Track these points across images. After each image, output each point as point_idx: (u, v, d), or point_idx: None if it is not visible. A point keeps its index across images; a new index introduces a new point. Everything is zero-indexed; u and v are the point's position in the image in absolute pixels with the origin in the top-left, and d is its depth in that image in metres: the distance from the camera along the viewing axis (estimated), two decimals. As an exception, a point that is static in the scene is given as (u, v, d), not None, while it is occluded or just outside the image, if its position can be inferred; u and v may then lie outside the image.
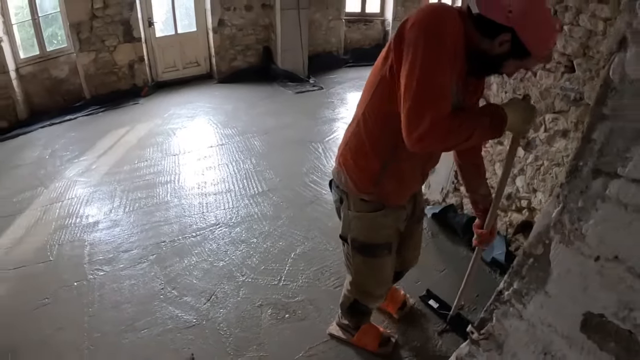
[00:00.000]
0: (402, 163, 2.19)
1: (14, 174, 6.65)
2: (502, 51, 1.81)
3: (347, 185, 2.37)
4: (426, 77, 1.71)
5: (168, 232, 4.77)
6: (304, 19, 9.80)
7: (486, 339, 1.83)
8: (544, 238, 1.52)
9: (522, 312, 1.67)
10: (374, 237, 2.47)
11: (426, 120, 1.69)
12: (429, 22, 1.75)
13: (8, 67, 8.26)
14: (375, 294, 2.78)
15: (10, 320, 3.80)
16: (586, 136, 1.34)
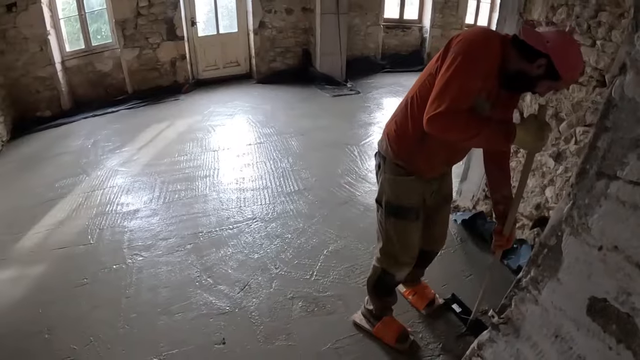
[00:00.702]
0: (430, 146, 2.59)
1: (57, 161, 6.99)
2: (538, 73, 2.20)
3: (387, 152, 2.81)
4: (455, 79, 2.16)
5: (206, 224, 4.96)
6: (343, 23, 9.93)
7: (505, 323, 2.01)
8: (557, 230, 1.71)
9: (537, 297, 1.85)
10: (404, 200, 2.85)
11: (441, 108, 2.14)
12: (472, 42, 2.21)
13: (54, 60, 8.69)
14: (400, 260, 3.03)
15: (49, 297, 4.04)
16: (592, 144, 1.56)
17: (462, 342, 3.31)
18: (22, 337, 3.63)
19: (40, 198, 5.82)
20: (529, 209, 4.01)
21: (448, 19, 11.13)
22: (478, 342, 2.28)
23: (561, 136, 3.55)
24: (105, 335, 3.58)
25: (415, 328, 3.49)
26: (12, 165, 7.04)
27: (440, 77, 2.24)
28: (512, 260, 4.01)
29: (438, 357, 3.24)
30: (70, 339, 3.56)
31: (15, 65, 8.46)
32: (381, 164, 2.90)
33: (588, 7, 3.10)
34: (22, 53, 8.41)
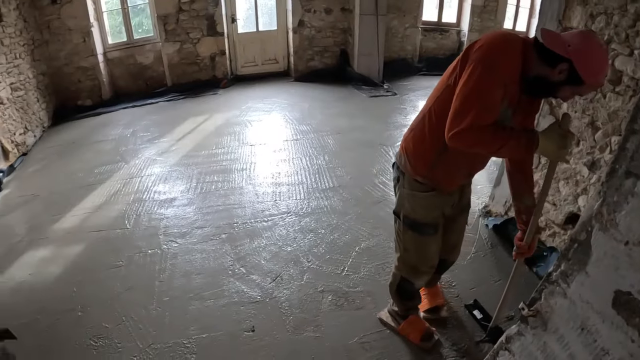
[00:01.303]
0: (451, 158, 2.54)
1: (96, 148, 7.24)
2: (560, 78, 2.12)
3: (406, 167, 2.76)
4: (476, 91, 2.11)
5: (241, 215, 5.06)
6: (381, 25, 9.93)
7: (534, 316, 2.05)
8: (587, 226, 1.75)
9: (566, 290, 1.89)
10: (423, 216, 2.83)
11: (465, 123, 2.10)
12: (491, 49, 2.14)
13: (97, 51, 9.03)
14: (420, 269, 3.04)
15: (84, 277, 4.22)
16: (622, 145, 1.61)
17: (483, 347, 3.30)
18: (56, 313, 3.79)
19: (80, 182, 6.05)
20: (561, 217, 3.96)
21: (486, 23, 10.99)
22: (506, 335, 2.31)
23: (596, 145, 3.49)
24: (137, 315, 3.71)
25: (441, 328, 3.48)
26: (53, 150, 7.30)
27: (460, 89, 2.18)
28: (541, 268, 3.96)
29: (462, 358, 3.25)
30: (103, 318, 3.70)
31: (59, 55, 8.82)
32: (400, 178, 2.87)
33: (627, 16, 3.05)
34: (65, 43, 8.78)
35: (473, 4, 10.91)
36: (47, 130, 8.22)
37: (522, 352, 2.20)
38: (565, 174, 3.87)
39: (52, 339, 3.50)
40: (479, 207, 4.96)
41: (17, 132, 7.10)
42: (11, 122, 6.97)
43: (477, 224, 4.73)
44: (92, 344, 3.46)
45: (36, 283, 4.19)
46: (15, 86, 7.22)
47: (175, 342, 3.44)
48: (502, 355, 2.36)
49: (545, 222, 4.15)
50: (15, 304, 3.92)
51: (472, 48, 2.21)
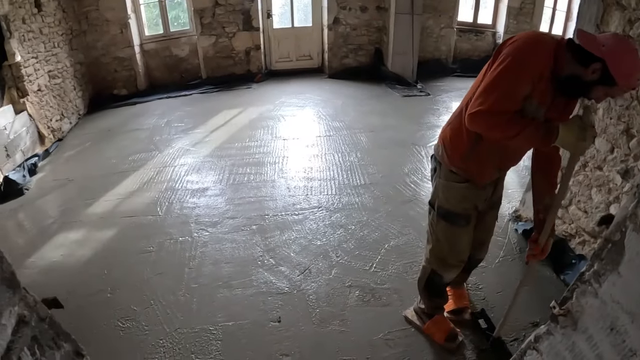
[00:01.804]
0: (483, 151, 2.63)
1: (131, 136, 7.38)
2: (593, 78, 2.17)
3: (442, 158, 2.85)
4: (501, 80, 2.24)
5: (272, 207, 5.11)
6: (417, 24, 9.87)
7: (565, 315, 2.04)
8: (621, 227, 1.72)
9: (597, 290, 1.87)
10: (455, 206, 2.89)
11: (485, 105, 2.24)
12: (522, 46, 2.26)
13: (133, 42, 9.22)
14: (449, 262, 3.07)
15: (115, 260, 4.31)
16: None
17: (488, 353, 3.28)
18: (87, 294, 3.90)
19: (113, 169, 6.19)
20: (592, 225, 3.92)
21: (522, 25, 10.78)
22: (535, 334, 2.29)
23: (631, 153, 3.40)
24: (166, 300, 3.78)
25: (464, 330, 3.45)
26: (88, 137, 7.47)
27: (488, 75, 2.32)
28: (568, 276, 3.86)
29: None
30: (131, 301, 3.78)
31: (96, 45, 9.03)
32: (437, 168, 2.94)
33: None
34: (103, 34, 8.98)
35: (509, 6, 10.75)
36: (82, 118, 8.41)
37: (550, 352, 2.19)
38: (597, 181, 3.80)
39: (80, 319, 3.57)
40: (509, 212, 4.89)
41: (53, 118, 7.27)
42: (48, 108, 7.15)
43: (506, 228, 4.66)
44: (120, 325, 3.54)
45: (67, 264, 4.30)
46: (53, 74, 7.41)
47: (201, 328, 3.49)
48: (529, 355, 2.35)
49: (575, 230, 4.08)
50: (46, 284, 4.02)
51: (505, 44, 2.34)
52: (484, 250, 3.35)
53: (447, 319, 3.47)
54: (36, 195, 5.66)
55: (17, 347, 1.33)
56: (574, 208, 4.07)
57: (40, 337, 1.51)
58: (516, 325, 3.46)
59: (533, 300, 3.58)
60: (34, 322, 1.50)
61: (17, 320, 1.39)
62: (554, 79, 2.29)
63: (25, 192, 5.73)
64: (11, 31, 6.19)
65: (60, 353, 1.63)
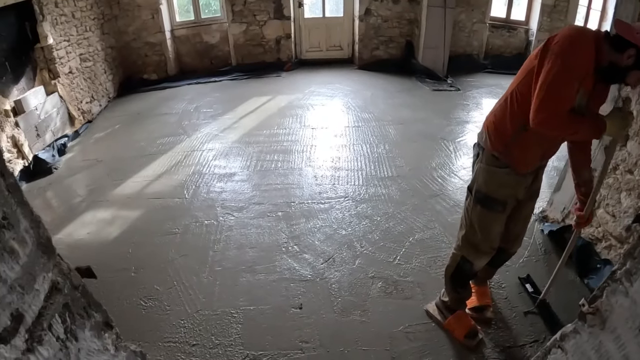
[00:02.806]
0: (526, 139, 2.73)
1: (160, 120, 7.45)
2: (628, 63, 2.32)
3: (486, 143, 2.93)
4: (556, 84, 2.35)
5: (298, 195, 5.11)
6: (449, 18, 9.75)
7: (594, 313, 1.99)
8: None
9: (628, 289, 1.81)
10: (494, 191, 2.95)
11: (547, 112, 2.37)
12: (570, 45, 2.37)
13: (164, 28, 9.28)
14: (481, 248, 3.11)
15: (140, 240, 4.37)
16: None
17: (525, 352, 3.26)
18: (111, 271, 3.96)
19: (142, 151, 6.26)
20: (619, 230, 3.84)
21: (556, 23, 10.56)
22: (561, 333, 2.25)
23: None
24: (189, 282, 3.82)
25: (485, 328, 3.43)
26: (117, 120, 7.56)
27: (541, 82, 2.40)
28: (593, 280, 3.81)
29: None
30: (155, 280, 3.83)
31: (127, 30, 9.13)
32: (479, 154, 3.01)
33: None
34: (134, 19, 9.07)
35: (543, 3, 10.52)
36: (112, 101, 8.52)
37: (575, 351, 2.16)
38: (628, 185, 3.71)
39: (104, 296, 3.61)
40: (536, 212, 4.77)
41: (83, 101, 7.39)
42: (79, 90, 7.26)
43: (532, 228, 4.58)
44: (142, 303, 3.59)
45: (93, 242, 4.37)
46: (84, 57, 7.52)
47: (223, 311, 3.52)
48: (554, 353, 2.32)
49: (602, 234, 3.99)
50: (72, 260, 3.89)
51: (552, 41, 2.43)
52: (517, 243, 3.37)
53: (468, 316, 3.48)
54: (65, 175, 5.74)
55: (49, 314, 1.34)
56: (602, 211, 3.99)
57: (72, 305, 1.51)
58: (536, 328, 3.44)
59: (556, 305, 3.55)
60: (67, 289, 1.49)
61: (50, 286, 1.39)
62: (596, 70, 2.41)
63: (54, 172, 5.83)
64: (44, 14, 6.30)
65: (90, 322, 1.63)
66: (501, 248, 3.30)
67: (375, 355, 3.20)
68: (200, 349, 3.22)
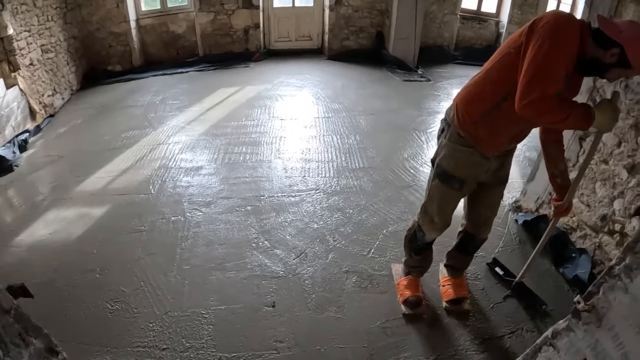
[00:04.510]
0: (495, 121, 2.71)
1: (125, 112, 7.23)
2: (611, 61, 2.33)
3: (453, 120, 2.92)
4: (545, 64, 2.29)
5: (268, 188, 5.00)
6: (420, 8, 9.74)
7: (589, 311, 1.92)
8: None
9: (628, 285, 1.75)
10: (453, 169, 2.96)
11: (535, 93, 2.28)
12: (558, 26, 2.31)
13: (129, 17, 8.99)
14: (434, 221, 3.16)
15: (105, 239, 4.21)
16: None
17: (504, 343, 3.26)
18: (75, 273, 3.79)
19: (106, 145, 6.05)
20: (594, 219, 3.84)
21: (527, 16, 10.59)
22: (553, 330, 2.19)
23: (638, 148, 3.39)
24: (156, 282, 3.68)
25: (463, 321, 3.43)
26: (81, 113, 7.31)
27: (529, 62, 2.34)
28: (568, 270, 3.88)
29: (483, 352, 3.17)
30: (121, 281, 3.68)
31: (91, 20, 8.80)
32: (445, 129, 3.01)
33: None
34: (98, 8, 8.74)
35: (514, -4, 10.70)
36: (75, 94, 8.23)
37: (569, 349, 2.09)
38: (602, 175, 3.77)
39: (67, 299, 3.50)
40: (510, 202, 4.85)
41: (45, 94, 7.10)
42: (40, 83, 6.97)
43: (506, 218, 4.62)
44: (108, 307, 3.45)
45: (56, 242, 4.19)
46: (45, 48, 7.22)
47: (193, 312, 3.41)
48: (545, 351, 2.25)
49: (577, 223, 4.06)
50: (33, 262, 3.92)
51: (538, 23, 2.37)
52: (487, 229, 3.37)
53: (419, 286, 3.62)
54: (26, 172, 5.51)
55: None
56: (577, 201, 4.04)
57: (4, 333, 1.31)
58: (514, 318, 3.44)
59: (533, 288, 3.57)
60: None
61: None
62: (578, 59, 2.41)
63: (14, 169, 5.57)
64: (4, 3, 5.99)
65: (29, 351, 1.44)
66: (471, 234, 3.40)
67: (352, 352, 3.14)
68: (170, 352, 3.11)
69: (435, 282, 3.74)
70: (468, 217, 3.40)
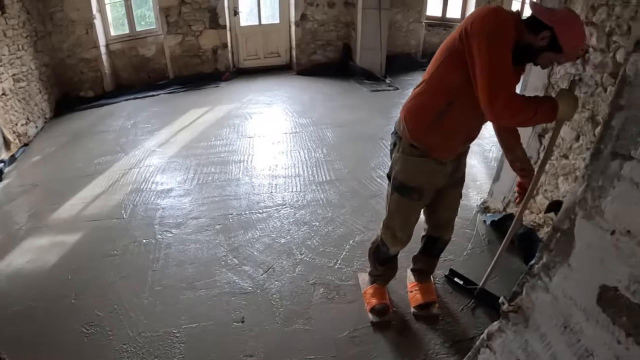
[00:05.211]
0: (447, 123, 2.68)
1: (97, 139, 7.25)
2: (542, 44, 2.35)
3: (403, 132, 2.87)
4: (495, 64, 2.27)
5: (236, 206, 5.07)
6: (384, 19, 9.87)
7: (515, 311, 1.95)
8: (570, 214, 1.63)
9: (548, 284, 1.78)
10: (410, 180, 2.94)
11: (500, 97, 2.25)
12: (495, 22, 2.30)
13: (99, 43, 9.02)
14: (397, 235, 3.16)
15: (80, 265, 4.25)
16: (607, 123, 1.48)
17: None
18: (51, 299, 3.83)
19: (80, 172, 6.09)
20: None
21: None
22: (488, 332, 2.21)
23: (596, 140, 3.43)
24: (129, 304, 3.74)
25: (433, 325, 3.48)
26: (54, 141, 7.31)
27: (481, 68, 2.30)
28: None
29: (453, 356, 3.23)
30: (96, 305, 3.73)
31: (61, 47, 8.82)
32: (397, 142, 2.97)
33: (629, 8, 3.00)
34: (68, 35, 8.77)
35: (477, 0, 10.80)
36: (49, 121, 8.23)
37: (503, 350, 2.12)
38: (564, 170, 3.84)
39: (45, 325, 3.55)
40: (477, 203, 4.95)
41: (19, 123, 7.10)
42: (13, 112, 6.97)
43: (474, 219, 4.71)
44: (84, 331, 3.49)
45: (33, 270, 4.23)
46: (17, 77, 7.23)
47: (165, 331, 3.46)
48: (483, 353, 2.28)
49: (544, 219, 4.12)
50: (12, 291, 3.96)
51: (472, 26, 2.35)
52: (450, 230, 3.41)
53: (385, 294, 3.65)
54: (2, 202, 5.53)
55: None
56: (541, 197, 4.13)
57: None
58: (484, 320, 3.49)
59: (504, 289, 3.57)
60: None
61: None
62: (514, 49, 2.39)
63: (-10, 200, 5.57)
64: (-27, 35, 6.02)
65: None
66: (435, 237, 3.43)
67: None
68: None
69: (403, 288, 3.79)
70: (429, 222, 3.42)
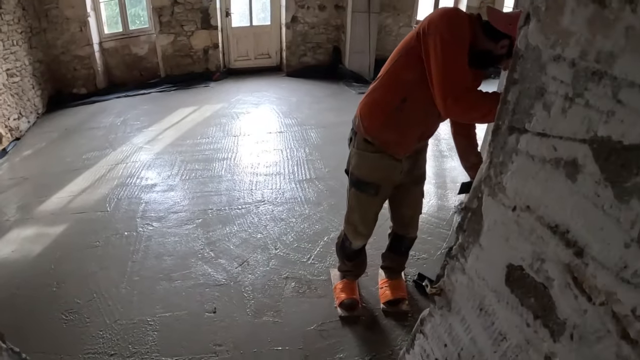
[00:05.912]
0: (402, 119, 2.72)
1: (87, 135, 7.41)
2: (502, 52, 2.40)
3: (359, 127, 2.91)
4: (449, 60, 2.33)
5: (217, 202, 5.20)
6: (374, 22, 9.96)
7: (439, 294, 1.96)
8: (478, 192, 1.62)
9: (464, 265, 1.75)
10: (366, 175, 2.98)
11: (453, 92, 2.32)
12: (450, 21, 2.37)
13: (93, 40, 9.17)
14: (358, 230, 3.22)
15: (63, 255, 4.40)
16: (503, 98, 1.47)
17: None
18: (34, 287, 3.98)
19: (68, 167, 6.24)
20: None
21: None
22: (421, 317, 2.18)
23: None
24: (108, 293, 3.88)
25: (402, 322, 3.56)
26: (46, 136, 7.47)
27: (435, 65, 2.37)
28: None
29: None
30: (76, 294, 3.87)
31: (55, 44, 8.97)
32: (352, 138, 3.03)
33: None
34: (62, 32, 8.91)
35: (468, 5, 10.74)
36: (41, 117, 8.37)
37: (433, 335, 2.08)
38: None
39: (27, 312, 3.68)
40: (455, 204, 5.03)
41: (11, 117, 7.24)
42: (6, 107, 7.11)
43: (451, 220, 4.80)
44: (63, 317, 3.62)
45: (18, 260, 4.37)
46: (11, 72, 7.37)
47: (140, 319, 3.59)
48: (418, 339, 2.24)
49: None
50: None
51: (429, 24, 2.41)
52: (414, 228, 3.45)
53: (355, 289, 3.71)
54: (-8, 194, 5.66)
55: None
56: None
57: None
58: None
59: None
60: None
61: None
62: (470, 52, 2.43)
63: (-20, 192, 5.71)
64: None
65: None
66: (400, 235, 3.49)
67: (288, 354, 3.30)
68: (117, 358, 3.29)
69: (374, 285, 3.87)
70: (393, 219, 3.47)
